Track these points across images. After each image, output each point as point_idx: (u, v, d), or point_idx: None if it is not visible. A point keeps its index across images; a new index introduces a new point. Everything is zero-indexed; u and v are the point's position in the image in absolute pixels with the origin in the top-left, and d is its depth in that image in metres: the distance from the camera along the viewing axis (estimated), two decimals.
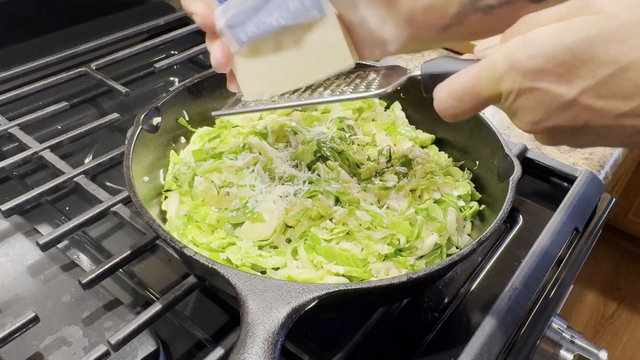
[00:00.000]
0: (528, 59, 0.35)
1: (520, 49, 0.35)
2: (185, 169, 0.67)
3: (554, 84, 0.35)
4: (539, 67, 0.35)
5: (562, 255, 0.69)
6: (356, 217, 0.57)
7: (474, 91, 0.39)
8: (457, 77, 0.40)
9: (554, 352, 0.69)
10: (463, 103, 0.40)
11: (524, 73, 0.36)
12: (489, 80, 0.38)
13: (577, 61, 0.34)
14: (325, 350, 0.55)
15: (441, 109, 0.41)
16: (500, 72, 0.37)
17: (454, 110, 0.41)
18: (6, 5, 0.95)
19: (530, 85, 0.36)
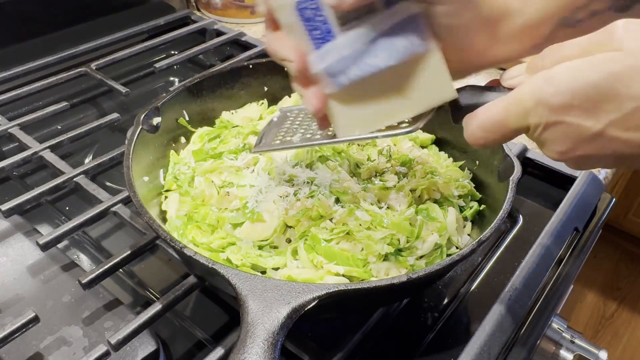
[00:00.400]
0: (554, 95, 0.37)
1: (546, 85, 0.37)
2: (186, 169, 0.67)
3: (581, 117, 0.36)
4: (565, 102, 0.36)
5: (562, 255, 0.69)
6: (356, 217, 0.57)
7: (503, 124, 0.41)
8: (486, 110, 0.42)
9: (554, 352, 0.69)
10: (492, 134, 0.42)
11: (550, 108, 0.37)
12: (517, 114, 0.39)
13: (603, 96, 0.35)
14: (325, 350, 0.55)
15: (471, 140, 0.43)
16: (528, 107, 0.38)
17: (484, 140, 0.43)
18: (6, 5, 0.95)
19: (557, 119, 0.37)
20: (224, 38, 1.10)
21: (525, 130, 0.40)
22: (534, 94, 0.38)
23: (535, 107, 0.38)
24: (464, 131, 0.44)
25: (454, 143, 0.73)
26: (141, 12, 1.17)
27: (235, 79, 0.77)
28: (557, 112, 0.37)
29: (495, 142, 0.43)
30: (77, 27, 1.06)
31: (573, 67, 0.36)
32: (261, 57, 1.02)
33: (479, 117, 0.42)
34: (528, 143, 0.90)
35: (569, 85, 0.36)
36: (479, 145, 0.44)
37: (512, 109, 0.40)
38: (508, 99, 0.40)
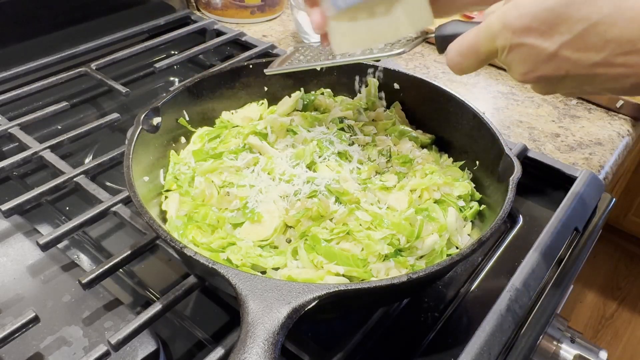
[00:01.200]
0: (517, 18, 0.42)
1: (511, 10, 0.42)
2: (186, 169, 0.67)
3: (539, 39, 0.42)
4: (525, 25, 0.42)
5: (562, 255, 0.69)
6: (356, 217, 0.57)
7: (475, 48, 0.46)
8: (463, 37, 0.48)
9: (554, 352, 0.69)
10: (467, 59, 0.48)
11: (513, 31, 0.42)
12: (486, 38, 0.45)
13: (557, 19, 0.40)
14: (325, 350, 0.55)
15: (451, 65, 0.49)
16: (495, 31, 0.44)
17: (460, 65, 0.49)
18: (6, 5, 0.95)
19: (519, 41, 0.43)
20: (224, 38, 1.10)
21: (494, 54, 0.46)
22: (500, 18, 0.43)
23: (501, 30, 0.43)
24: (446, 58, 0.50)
25: (454, 143, 0.73)
26: (141, 12, 1.17)
27: (235, 79, 0.77)
28: (519, 35, 0.42)
29: (472, 67, 0.48)
30: (77, 27, 1.06)
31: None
32: (261, 57, 1.02)
33: (457, 44, 0.48)
34: (528, 143, 0.90)
35: (529, 9, 0.41)
36: (458, 71, 0.50)
37: (482, 33, 0.45)
38: (480, 26, 0.46)
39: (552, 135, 0.94)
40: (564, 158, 0.88)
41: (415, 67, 1.12)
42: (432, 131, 0.75)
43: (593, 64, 0.41)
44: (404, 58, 1.16)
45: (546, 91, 0.48)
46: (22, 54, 0.98)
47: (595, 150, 0.91)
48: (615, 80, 0.42)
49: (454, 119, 0.71)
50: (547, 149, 0.90)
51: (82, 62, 0.99)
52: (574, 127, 0.96)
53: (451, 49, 0.49)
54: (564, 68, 0.43)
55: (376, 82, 0.78)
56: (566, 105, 1.02)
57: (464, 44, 0.47)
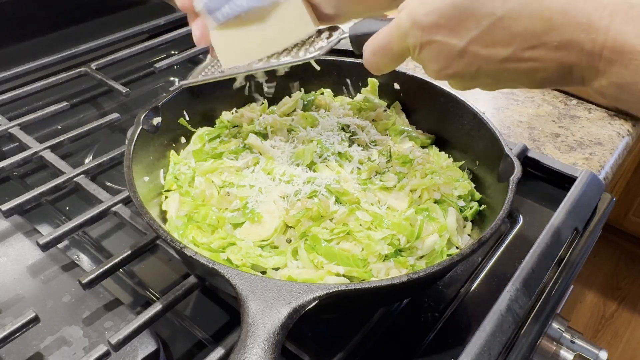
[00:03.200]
0: (425, 16, 0.41)
1: (419, 8, 0.42)
2: (186, 169, 0.67)
3: (447, 36, 0.41)
4: (433, 22, 0.41)
5: (562, 255, 0.69)
6: (356, 217, 0.57)
7: (388, 48, 0.46)
8: (376, 36, 0.47)
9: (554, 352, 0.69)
10: (382, 58, 0.47)
11: (422, 29, 0.42)
12: (398, 36, 0.44)
13: (463, 15, 0.40)
14: (325, 350, 0.55)
15: (367, 65, 0.49)
16: (405, 29, 0.43)
17: (376, 64, 0.48)
18: (6, 5, 0.95)
19: (429, 38, 0.42)
20: None
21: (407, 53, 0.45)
22: (409, 15, 0.43)
23: (411, 28, 0.43)
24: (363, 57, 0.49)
25: (454, 143, 0.73)
26: (141, 12, 1.17)
27: (235, 78, 0.77)
28: (428, 32, 0.42)
29: (388, 66, 0.48)
30: (77, 27, 1.06)
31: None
32: None
33: (371, 43, 0.47)
34: (528, 143, 0.90)
35: (436, 6, 0.41)
36: (375, 70, 0.50)
37: (394, 32, 0.44)
38: (391, 24, 0.45)
39: (552, 135, 0.94)
40: (564, 158, 0.88)
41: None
42: (432, 131, 0.75)
43: (502, 59, 0.41)
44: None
45: (463, 87, 0.47)
46: (22, 54, 0.98)
47: (595, 150, 0.91)
48: (526, 75, 0.42)
49: (454, 119, 0.71)
50: (547, 149, 0.90)
51: (82, 62, 0.99)
52: (574, 127, 0.96)
53: (366, 48, 0.48)
54: (475, 64, 0.42)
55: (376, 82, 0.78)
56: (566, 105, 1.02)
57: (377, 44, 0.47)
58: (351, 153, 0.66)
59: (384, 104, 0.78)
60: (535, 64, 0.40)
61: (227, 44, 0.59)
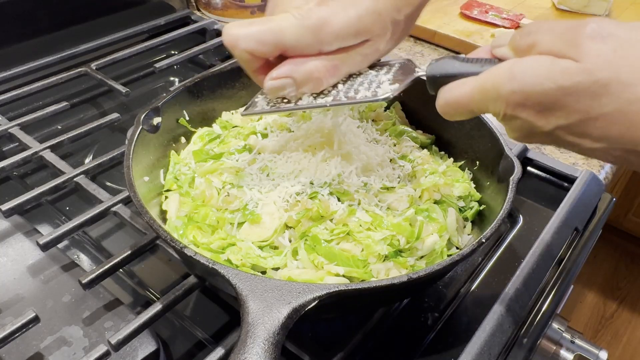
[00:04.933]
0: (512, 93, 0.40)
1: (507, 82, 0.40)
2: (186, 169, 0.67)
3: (532, 117, 0.40)
4: (519, 102, 0.40)
5: (562, 255, 0.69)
6: (357, 217, 0.57)
7: (467, 107, 0.45)
8: (456, 90, 0.46)
9: (554, 352, 0.69)
10: (457, 112, 0.47)
11: (507, 104, 0.41)
12: (480, 102, 0.43)
13: (552, 105, 0.39)
14: (325, 350, 0.55)
15: (441, 111, 0.48)
16: (489, 98, 0.42)
17: (450, 115, 0.47)
18: (6, 5, 0.95)
19: (513, 113, 0.41)
20: None
21: (487, 112, 0.45)
22: (495, 87, 0.41)
23: (495, 99, 0.42)
24: (436, 101, 0.48)
25: (454, 143, 0.73)
26: (141, 12, 1.17)
27: (235, 79, 0.77)
28: (513, 108, 0.41)
29: (463, 117, 0.47)
30: (77, 27, 1.06)
31: (534, 68, 0.39)
32: None
33: (449, 94, 0.46)
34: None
35: (525, 87, 0.39)
36: (448, 117, 0.49)
37: (477, 96, 0.43)
38: (475, 84, 0.43)
39: None
40: (564, 158, 0.88)
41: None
42: (432, 131, 0.75)
43: (590, 149, 0.40)
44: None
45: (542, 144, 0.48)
46: (22, 54, 0.98)
47: None
48: (612, 160, 0.42)
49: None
50: (547, 149, 0.90)
51: (82, 62, 0.99)
52: None
53: (442, 96, 0.47)
54: (561, 143, 0.42)
55: None
56: None
57: (455, 100, 0.46)
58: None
59: (384, 104, 0.78)
60: (627, 161, 0.40)
61: None
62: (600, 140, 0.38)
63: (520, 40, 0.42)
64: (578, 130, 0.39)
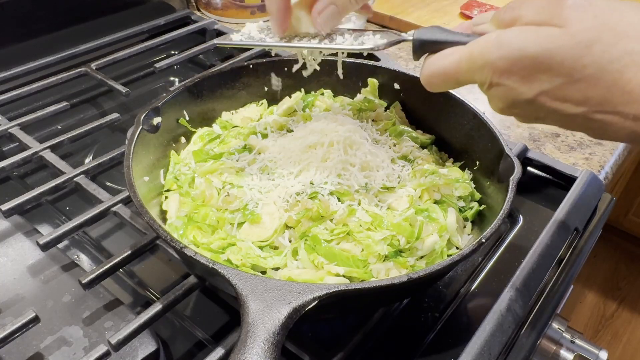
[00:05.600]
0: (499, 59, 0.41)
1: (494, 50, 0.41)
2: (186, 169, 0.67)
3: (517, 83, 0.41)
4: (506, 68, 0.41)
5: (562, 255, 0.69)
6: (357, 217, 0.57)
7: (452, 75, 0.45)
8: (442, 59, 0.46)
9: (554, 352, 0.69)
10: (442, 82, 0.47)
11: (493, 71, 0.42)
12: (467, 70, 0.44)
13: (537, 68, 0.40)
14: (325, 350, 0.55)
15: (425, 83, 0.48)
16: (476, 65, 0.43)
17: (436, 86, 0.48)
18: (6, 5, 0.95)
19: (499, 81, 0.42)
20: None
21: (472, 83, 0.45)
22: (483, 54, 0.42)
23: (482, 67, 0.42)
24: (421, 71, 0.48)
25: (454, 143, 0.73)
26: (141, 12, 1.17)
27: (235, 79, 0.77)
28: (499, 75, 0.42)
29: (445, 89, 0.48)
30: (77, 27, 1.06)
31: (520, 35, 0.40)
32: (261, 57, 1.02)
33: (434, 64, 0.47)
34: (528, 143, 0.90)
35: (512, 53, 0.40)
36: (430, 89, 0.49)
37: (464, 64, 0.44)
38: (463, 52, 0.44)
39: (552, 135, 0.94)
40: (564, 158, 0.88)
41: (415, 67, 1.12)
42: (432, 131, 0.75)
43: (571, 115, 0.41)
44: (404, 58, 1.16)
45: (528, 122, 0.48)
46: (22, 54, 0.98)
47: (596, 150, 0.91)
48: (593, 131, 0.42)
49: (454, 119, 0.71)
50: (547, 149, 0.90)
51: (82, 62, 0.99)
52: None
53: (428, 67, 0.47)
54: (542, 112, 0.43)
55: (376, 82, 0.78)
56: None
57: (441, 69, 0.46)
58: None
59: (384, 104, 0.78)
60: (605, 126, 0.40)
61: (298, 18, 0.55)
62: (582, 103, 0.40)
63: (504, 15, 0.43)
64: (560, 95, 0.40)
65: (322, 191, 0.58)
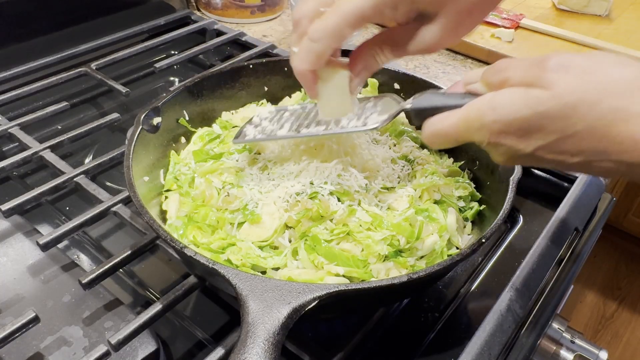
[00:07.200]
0: (494, 122, 0.44)
1: (489, 112, 0.44)
2: (186, 169, 0.67)
3: (514, 141, 0.44)
4: (502, 129, 0.44)
5: (562, 255, 0.69)
6: (357, 217, 0.57)
7: (453, 135, 0.48)
8: (440, 122, 0.49)
9: (554, 352, 0.69)
10: (443, 142, 0.50)
11: (490, 132, 0.45)
12: (465, 130, 0.47)
13: (531, 129, 0.43)
14: (325, 350, 0.55)
15: (427, 141, 0.51)
16: (474, 128, 0.46)
17: (437, 144, 0.51)
18: (6, 5, 0.95)
19: (496, 141, 0.45)
20: (224, 38, 1.10)
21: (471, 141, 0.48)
22: (479, 118, 0.45)
23: (479, 129, 0.45)
24: (422, 133, 0.51)
25: None
26: (141, 12, 1.17)
27: (235, 79, 0.77)
28: (496, 136, 0.45)
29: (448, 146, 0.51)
30: (77, 27, 1.06)
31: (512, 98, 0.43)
32: (261, 57, 1.02)
33: (434, 126, 0.49)
34: None
35: (506, 116, 0.43)
36: (434, 147, 0.55)
37: (462, 126, 0.47)
38: (460, 116, 0.47)
39: None
40: None
41: (415, 67, 1.12)
42: None
43: (570, 164, 0.44)
44: (404, 59, 1.16)
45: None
46: (22, 54, 0.98)
47: None
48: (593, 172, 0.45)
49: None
50: None
51: (82, 62, 0.99)
52: None
53: (428, 128, 0.50)
54: (542, 163, 0.45)
55: (376, 82, 0.78)
56: None
57: (441, 131, 0.49)
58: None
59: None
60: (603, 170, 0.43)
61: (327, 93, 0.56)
62: (578, 154, 0.42)
63: (492, 77, 0.46)
64: (556, 149, 0.43)
65: (322, 191, 0.58)
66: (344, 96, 0.56)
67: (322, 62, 0.52)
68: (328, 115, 0.59)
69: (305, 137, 0.61)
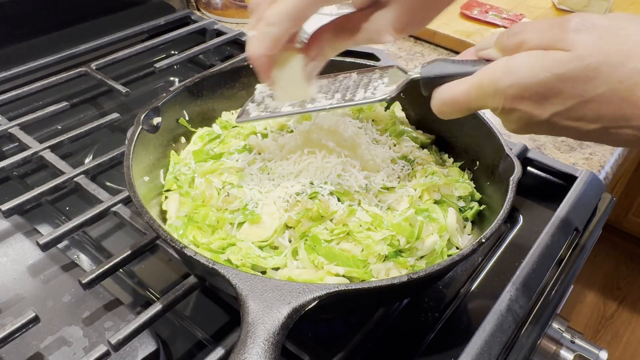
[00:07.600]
0: (509, 87, 0.42)
1: (504, 77, 0.42)
2: (186, 169, 0.67)
3: (530, 107, 0.42)
4: (518, 94, 0.42)
5: (562, 255, 0.69)
6: (357, 217, 0.57)
7: (465, 104, 0.46)
8: (452, 88, 0.47)
9: (554, 352, 0.69)
10: (454, 110, 0.48)
11: (505, 97, 0.43)
12: (478, 97, 0.45)
13: (549, 93, 0.41)
14: (325, 350, 0.55)
15: (437, 111, 0.49)
16: (487, 93, 0.44)
17: (447, 114, 0.49)
18: (6, 5, 0.95)
19: (511, 106, 0.43)
20: (224, 38, 1.10)
21: (484, 109, 0.45)
22: (493, 82, 0.43)
23: (493, 95, 0.43)
24: (431, 102, 0.49)
25: (454, 143, 0.73)
26: (141, 12, 1.17)
27: (235, 79, 0.77)
28: (511, 101, 0.42)
29: (459, 115, 0.48)
30: (77, 27, 1.06)
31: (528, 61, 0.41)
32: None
33: (445, 93, 0.47)
34: (528, 143, 0.90)
35: (522, 80, 0.41)
36: (443, 117, 0.50)
37: (474, 92, 0.45)
38: (472, 82, 0.45)
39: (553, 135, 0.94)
40: (564, 158, 0.88)
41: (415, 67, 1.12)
42: (432, 131, 0.75)
43: (586, 131, 0.42)
44: (404, 58, 1.16)
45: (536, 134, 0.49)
46: (22, 54, 0.98)
47: (596, 150, 0.91)
48: (608, 141, 0.43)
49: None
50: (548, 149, 0.90)
51: (82, 62, 0.99)
52: None
53: (438, 96, 0.48)
54: (555, 131, 0.44)
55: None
56: None
57: (452, 98, 0.47)
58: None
59: (384, 104, 0.78)
60: (621, 137, 0.41)
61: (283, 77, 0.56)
62: (596, 121, 0.40)
63: (507, 41, 0.44)
64: (574, 115, 0.41)
65: (322, 191, 0.58)
66: (299, 80, 0.56)
67: (279, 46, 0.50)
68: (284, 99, 0.58)
69: (312, 111, 0.58)
